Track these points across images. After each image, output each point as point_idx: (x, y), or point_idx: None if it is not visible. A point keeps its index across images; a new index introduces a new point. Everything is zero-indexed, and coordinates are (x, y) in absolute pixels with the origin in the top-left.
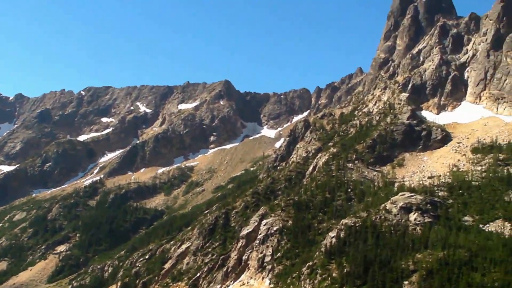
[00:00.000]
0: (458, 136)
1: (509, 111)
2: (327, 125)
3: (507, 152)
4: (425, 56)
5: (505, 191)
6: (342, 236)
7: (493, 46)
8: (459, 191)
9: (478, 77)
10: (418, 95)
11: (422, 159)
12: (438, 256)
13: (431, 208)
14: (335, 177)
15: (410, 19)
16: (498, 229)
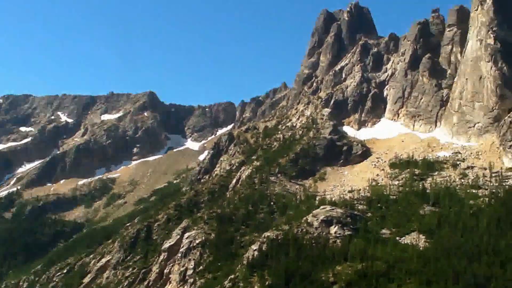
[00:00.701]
0: (377, 152)
1: (424, 128)
2: (251, 138)
3: (422, 167)
4: (347, 73)
5: (420, 205)
6: (264, 249)
7: (411, 66)
8: (377, 204)
9: (396, 95)
10: (340, 111)
11: (343, 173)
12: (357, 268)
13: (351, 221)
14: (258, 190)
15: (333, 37)
16: (414, 241)
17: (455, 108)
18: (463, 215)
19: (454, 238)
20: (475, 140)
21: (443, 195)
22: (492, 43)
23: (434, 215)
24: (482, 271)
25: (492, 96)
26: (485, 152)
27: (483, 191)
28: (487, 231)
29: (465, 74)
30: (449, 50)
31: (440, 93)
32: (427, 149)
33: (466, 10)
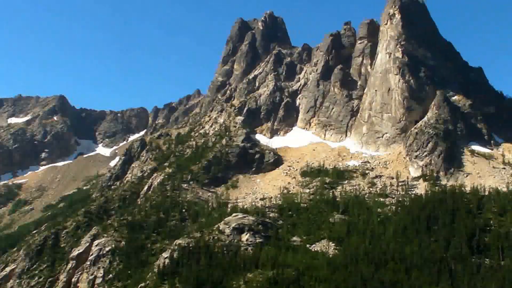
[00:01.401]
0: (289, 160)
1: (335, 138)
2: (164, 145)
3: (332, 176)
4: (261, 81)
5: (330, 212)
6: (176, 257)
7: (323, 76)
8: (288, 212)
9: (308, 105)
10: (253, 119)
11: (255, 181)
12: (268, 276)
13: (263, 229)
14: (169, 197)
15: (248, 46)
16: (324, 248)
17: (364, 119)
18: (371, 223)
19: (362, 245)
20: (383, 150)
21: (352, 203)
22: (400, 57)
23: (344, 223)
24: (388, 277)
25: (400, 108)
26: (392, 161)
27: (390, 200)
28: (394, 239)
29: (374, 85)
30: (359, 62)
31: (351, 103)
32: (338, 158)
33: (376, 24)
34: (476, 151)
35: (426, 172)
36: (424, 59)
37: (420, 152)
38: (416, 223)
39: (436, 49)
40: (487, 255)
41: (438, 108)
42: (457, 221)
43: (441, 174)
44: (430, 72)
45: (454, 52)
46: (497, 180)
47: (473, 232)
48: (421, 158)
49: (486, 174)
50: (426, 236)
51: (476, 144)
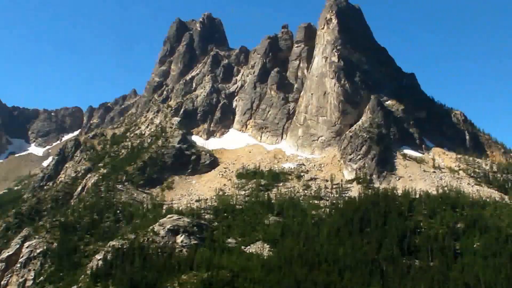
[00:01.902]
0: (225, 162)
1: (271, 140)
2: (98, 145)
3: (268, 178)
4: (198, 83)
5: (265, 214)
6: (109, 258)
7: (260, 78)
8: (224, 214)
9: (245, 107)
10: (189, 120)
11: (190, 182)
12: (203, 277)
13: (198, 231)
14: (104, 198)
15: (185, 46)
16: (258, 250)
17: (300, 122)
18: (306, 225)
19: (296, 247)
20: (318, 153)
21: (287, 206)
22: (336, 61)
23: (278, 224)
24: (321, 278)
25: (335, 111)
26: (327, 164)
27: (325, 202)
28: (327, 240)
29: (310, 89)
30: (296, 65)
31: (287, 106)
32: (273, 161)
33: (313, 28)
34: (408, 155)
35: (360, 175)
36: (359, 63)
37: (354, 155)
38: (349, 225)
39: (371, 54)
40: (417, 256)
41: (372, 112)
42: (389, 223)
43: (374, 177)
44: (365, 77)
45: (388, 58)
46: (427, 183)
47: (404, 234)
48: (355, 161)
49: (417, 178)
50: (358, 238)
51: (408, 148)
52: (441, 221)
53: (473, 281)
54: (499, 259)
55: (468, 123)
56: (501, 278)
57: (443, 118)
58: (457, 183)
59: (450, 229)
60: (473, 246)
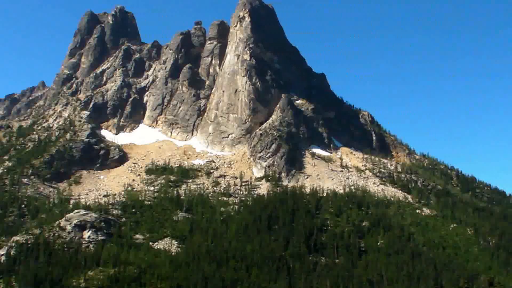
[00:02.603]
0: (134, 157)
1: (181, 136)
2: (4, 137)
3: (177, 174)
4: (108, 76)
5: (174, 210)
6: (13, 254)
7: (171, 74)
8: (132, 209)
9: (156, 102)
10: (99, 114)
11: (99, 177)
12: (110, 273)
13: (105, 226)
14: (8, 192)
15: (97, 39)
16: (166, 246)
17: (211, 119)
18: (214, 221)
19: (204, 243)
20: (228, 150)
21: (196, 202)
22: (248, 59)
23: (187, 221)
24: (229, 275)
25: (246, 109)
26: (237, 161)
27: (234, 199)
28: (236, 237)
29: (222, 86)
30: (208, 62)
31: (198, 103)
32: (183, 157)
33: (226, 26)
34: (317, 154)
35: (269, 173)
36: (271, 62)
37: (263, 153)
38: (257, 222)
39: (283, 53)
40: (323, 253)
41: (282, 111)
42: (297, 220)
43: (283, 175)
44: (276, 76)
45: (299, 58)
46: (335, 182)
47: (311, 231)
48: (264, 159)
49: (325, 176)
50: (266, 235)
51: (317, 147)
52: (347, 219)
53: (377, 278)
54: (401, 256)
55: (375, 124)
56: (402, 275)
57: (351, 118)
58: (363, 182)
59: (356, 227)
60: (377, 244)
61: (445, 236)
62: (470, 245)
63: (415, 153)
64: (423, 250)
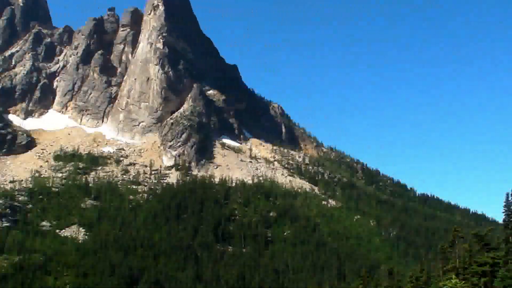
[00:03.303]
0: (43, 143)
1: (91, 123)
2: None
3: (86, 161)
4: (17, 60)
5: (82, 198)
6: None
7: (83, 60)
8: (39, 196)
9: (66, 88)
10: (7, 98)
11: (5, 163)
12: (14, 261)
13: (11, 213)
14: None
15: (6, 21)
16: (74, 234)
17: (122, 106)
18: (123, 209)
19: (112, 231)
20: (139, 138)
21: (105, 190)
22: (161, 48)
23: (95, 209)
24: (136, 263)
25: (157, 98)
26: (147, 150)
27: (143, 188)
28: (144, 226)
29: (134, 74)
30: (121, 49)
31: (110, 90)
32: (93, 144)
33: (140, 13)
34: (227, 144)
35: (179, 162)
36: (184, 52)
37: (174, 142)
38: (166, 211)
39: (196, 43)
40: (230, 242)
41: (194, 101)
42: (205, 210)
43: (193, 165)
44: (188, 65)
45: (212, 48)
46: (244, 172)
47: (219, 221)
48: (174, 148)
49: (234, 167)
50: (175, 224)
51: (227, 138)
52: (255, 209)
53: (282, 267)
54: (306, 246)
55: (285, 117)
56: (307, 264)
57: (261, 110)
58: (271, 173)
59: (263, 217)
60: (283, 234)
61: (349, 227)
62: (372, 236)
63: (322, 146)
64: (328, 241)
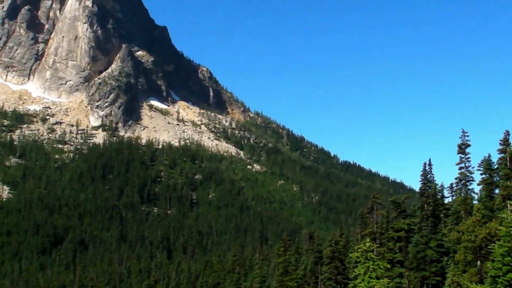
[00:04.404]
0: None
1: (17, 80)
2: None
3: (11, 118)
4: None
5: (7, 156)
6: None
7: (9, 15)
8: None
9: None
10: None
11: None
12: None
13: None
14: None
15: None
16: None
17: (49, 64)
18: (48, 168)
19: (37, 190)
20: (65, 97)
21: (30, 148)
22: (90, 6)
23: (20, 167)
24: (61, 222)
25: (85, 57)
26: (74, 109)
27: (69, 147)
28: (69, 185)
29: (62, 31)
30: (49, 5)
31: (36, 47)
32: (18, 101)
33: None
34: (154, 106)
35: (106, 122)
36: (113, 11)
37: (101, 102)
38: (92, 171)
39: (126, 3)
40: (156, 204)
41: (122, 61)
42: (131, 171)
43: (120, 126)
44: (118, 25)
45: (142, 9)
46: (171, 135)
47: (145, 182)
48: (102, 109)
49: (161, 129)
50: (101, 184)
51: (155, 100)
52: (181, 171)
53: (207, 229)
54: (231, 209)
55: (213, 80)
56: (231, 227)
57: (190, 73)
58: (198, 137)
59: (189, 179)
60: (208, 196)
61: (272, 192)
62: (295, 200)
63: (249, 111)
64: (252, 204)
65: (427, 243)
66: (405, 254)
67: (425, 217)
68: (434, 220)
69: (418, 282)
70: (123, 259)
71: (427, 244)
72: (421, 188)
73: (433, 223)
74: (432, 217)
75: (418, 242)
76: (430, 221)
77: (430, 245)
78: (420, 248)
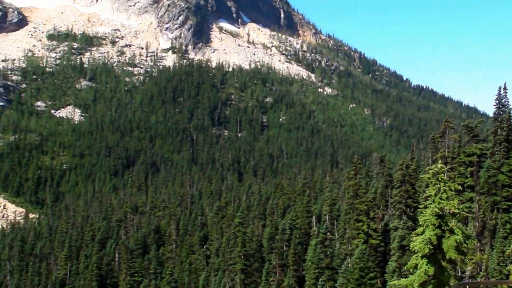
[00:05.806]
0: (35, 21)
1: (85, 2)
2: None
3: (81, 41)
4: None
5: (77, 79)
6: None
7: None
8: (33, 76)
9: None
10: None
11: None
12: (10, 140)
13: (4, 92)
14: None
15: None
16: (69, 115)
17: None
18: (119, 91)
19: (108, 113)
20: (134, 19)
21: (100, 71)
22: None
23: (91, 90)
24: (132, 144)
25: None
26: (143, 31)
27: (139, 70)
28: (140, 108)
29: None
30: None
31: None
32: (87, 24)
33: None
34: (224, 28)
35: (176, 44)
36: None
37: (171, 24)
38: (162, 94)
39: None
40: (226, 127)
41: None
42: (202, 94)
43: (190, 48)
44: None
45: None
46: (241, 57)
47: (215, 105)
48: (171, 31)
49: (231, 51)
50: (171, 106)
51: (225, 22)
52: (251, 94)
53: (277, 152)
54: (301, 132)
55: (284, 2)
56: (301, 150)
57: None
58: (269, 59)
59: (259, 102)
60: (279, 119)
61: (343, 115)
62: (366, 124)
63: (321, 33)
64: (323, 128)
65: (499, 168)
66: (476, 179)
67: (498, 142)
68: (507, 145)
69: (489, 206)
70: (194, 181)
71: (499, 169)
72: (495, 113)
73: (506, 148)
74: (506, 142)
75: (490, 167)
76: (503, 146)
77: (502, 170)
78: (492, 173)
